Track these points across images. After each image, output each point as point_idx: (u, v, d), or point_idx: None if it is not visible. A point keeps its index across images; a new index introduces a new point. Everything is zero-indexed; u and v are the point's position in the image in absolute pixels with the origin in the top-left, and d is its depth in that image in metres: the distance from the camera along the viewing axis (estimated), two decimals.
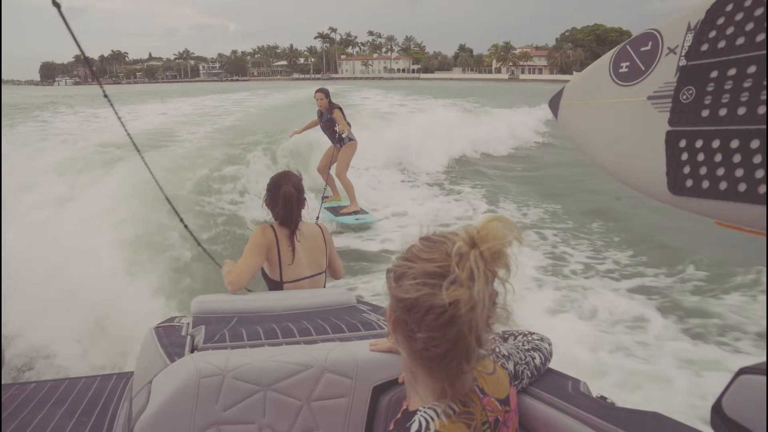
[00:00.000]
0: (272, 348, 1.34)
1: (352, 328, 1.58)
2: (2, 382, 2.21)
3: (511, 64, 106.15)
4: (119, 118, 2.52)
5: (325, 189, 6.80)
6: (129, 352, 3.32)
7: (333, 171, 6.74)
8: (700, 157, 1.03)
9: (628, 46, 1.20)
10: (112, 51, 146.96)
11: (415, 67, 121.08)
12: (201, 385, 1.13)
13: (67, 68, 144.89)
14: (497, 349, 1.13)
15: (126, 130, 2.54)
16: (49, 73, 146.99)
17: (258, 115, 19.15)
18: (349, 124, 6.58)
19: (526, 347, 1.22)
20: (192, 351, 1.38)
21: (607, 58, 1.25)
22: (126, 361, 3.34)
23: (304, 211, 2.36)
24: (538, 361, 1.21)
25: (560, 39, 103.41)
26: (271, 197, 2.30)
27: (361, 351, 1.29)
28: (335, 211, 6.65)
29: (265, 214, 2.37)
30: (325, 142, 7.10)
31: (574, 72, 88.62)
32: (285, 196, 2.25)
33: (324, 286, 2.43)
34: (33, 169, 7.31)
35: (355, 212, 6.56)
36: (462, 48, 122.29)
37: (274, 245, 2.24)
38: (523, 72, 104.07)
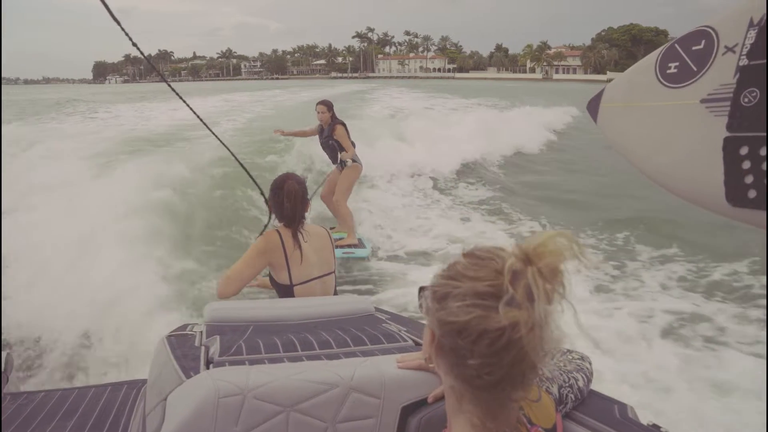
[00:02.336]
0: (293, 364, 1.26)
1: (373, 340, 1.48)
2: (11, 391, 2.19)
3: (545, 63, 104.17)
4: (188, 105, 2.43)
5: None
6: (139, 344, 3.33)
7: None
8: (765, 165, 0.91)
9: (676, 45, 1.07)
10: (159, 50, 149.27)
11: (451, 66, 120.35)
12: (220, 405, 1.06)
13: (117, 67, 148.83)
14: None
15: (196, 114, 2.44)
16: (101, 71, 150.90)
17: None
18: (353, 144, 5.55)
19: (568, 368, 1.12)
20: (207, 364, 1.30)
21: (652, 58, 1.13)
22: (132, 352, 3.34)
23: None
24: (581, 383, 1.11)
25: (596, 39, 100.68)
26: (274, 196, 2.25)
27: (389, 368, 1.19)
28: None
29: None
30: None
31: (607, 72, 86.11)
32: (289, 192, 2.21)
33: (335, 288, 2.38)
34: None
35: (349, 245, 5.55)
36: (498, 48, 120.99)
37: (279, 249, 2.19)
38: (557, 72, 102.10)
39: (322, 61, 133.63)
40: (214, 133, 2.54)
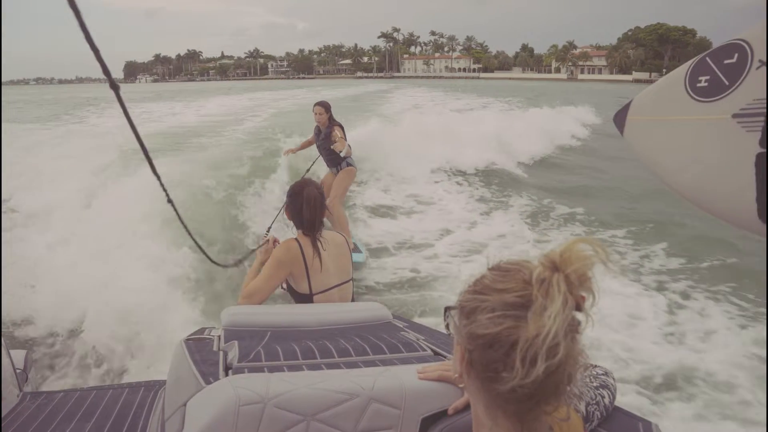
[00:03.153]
0: (314, 372, 1.26)
1: (392, 349, 1.47)
2: (31, 390, 2.19)
3: (570, 63, 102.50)
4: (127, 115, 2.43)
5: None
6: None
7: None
8: None
9: (707, 58, 1.04)
10: (188, 50, 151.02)
11: (476, 66, 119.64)
12: (240, 413, 1.05)
13: (147, 67, 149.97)
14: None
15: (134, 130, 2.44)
16: (132, 71, 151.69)
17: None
18: (349, 146, 5.37)
19: (594, 384, 1.10)
20: (226, 370, 1.30)
21: (682, 70, 1.09)
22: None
23: None
24: (607, 400, 1.09)
25: (622, 38, 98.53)
26: (292, 202, 2.20)
27: (409, 378, 1.18)
28: None
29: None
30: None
31: (633, 72, 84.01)
32: (308, 198, 2.16)
33: (352, 296, 2.33)
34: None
35: None
36: (524, 48, 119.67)
37: (299, 259, 2.14)
38: (582, 72, 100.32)
39: (348, 61, 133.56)
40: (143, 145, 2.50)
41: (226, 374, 1.26)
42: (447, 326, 0.80)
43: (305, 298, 2.17)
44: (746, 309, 4.16)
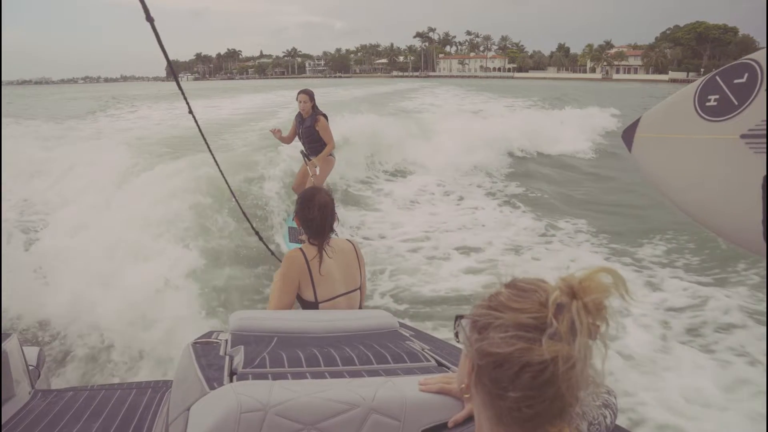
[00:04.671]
0: (316, 381, 1.25)
1: (396, 359, 1.46)
2: (42, 388, 2.22)
3: (605, 63, 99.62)
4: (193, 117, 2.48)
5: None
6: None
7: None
8: None
9: (717, 77, 1.01)
10: (228, 49, 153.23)
11: (510, 66, 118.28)
12: (242, 420, 1.05)
13: (189, 65, 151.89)
14: None
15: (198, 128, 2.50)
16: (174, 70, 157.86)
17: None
18: (332, 137, 5.38)
19: (597, 403, 1.08)
20: (231, 375, 1.31)
21: (691, 89, 1.06)
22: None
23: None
24: (609, 419, 1.06)
25: (660, 37, 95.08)
26: (303, 209, 2.16)
27: (410, 390, 1.17)
28: (294, 234, 5.35)
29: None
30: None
31: (669, 72, 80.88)
32: (320, 204, 2.13)
33: (360, 305, 2.28)
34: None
35: None
36: (561, 47, 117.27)
37: (304, 269, 2.11)
38: (617, 72, 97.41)
39: (384, 60, 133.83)
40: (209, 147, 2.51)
41: (231, 380, 1.27)
42: (456, 335, 0.79)
43: (311, 306, 2.15)
44: None
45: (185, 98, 2.16)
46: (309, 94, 5.25)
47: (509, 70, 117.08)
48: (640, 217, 7.04)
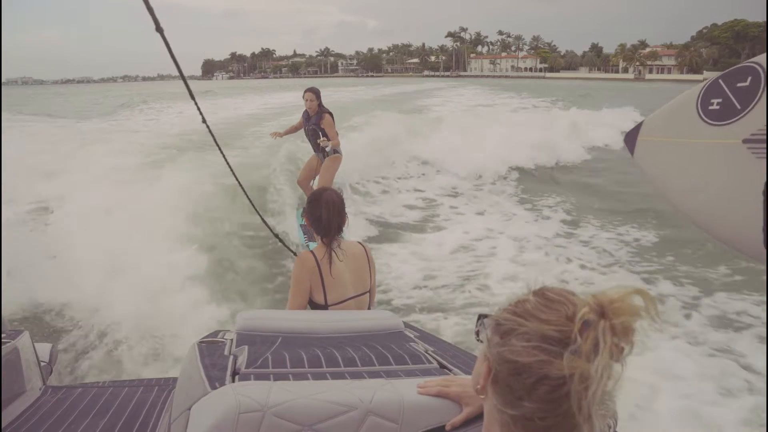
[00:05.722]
0: (315, 382, 1.25)
1: (398, 360, 1.45)
2: (54, 384, 2.23)
3: (638, 63, 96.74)
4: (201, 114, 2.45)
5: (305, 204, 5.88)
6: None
7: (315, 184, 5.65)
8: None
9: (720, 81, 0.98)
10: (262, 48, 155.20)
11: (542, 66, 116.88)
12: (240, 421, 1.06)
13: (224, 64, 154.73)
14: None
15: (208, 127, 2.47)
16: (209, 69, 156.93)
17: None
18: (336, 133, 5.45)
19: (601, 411, 1.05)
20: (234, 375, 1.31)
21: (694, 92, 1.03)
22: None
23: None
24: (611, 430, 1.05)
25: (696, 37, 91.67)
26: (312, 209, 2.15)
27: (409, 393, 1.16)
28: (305, 230, 5.36)
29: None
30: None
31: (704, 71, 77.82)
32: (327, 202, 2.11)
33: (369, 307, 2.27)
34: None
35: None
36: (594, 47, 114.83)
37: (315, 271, 2.10)
38: (650, 72, 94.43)
39: (416, 60, 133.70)
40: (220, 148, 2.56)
41: (233, 379, 1.27)
42: (477, 333, 0.79)
43: (321, 308, 2.14)
44: None
45: (198, 108, 2.19)
46: (315, 93, 5.36)
47: (541, 70, 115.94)
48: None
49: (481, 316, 0.76)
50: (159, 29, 1.68)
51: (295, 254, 2.97)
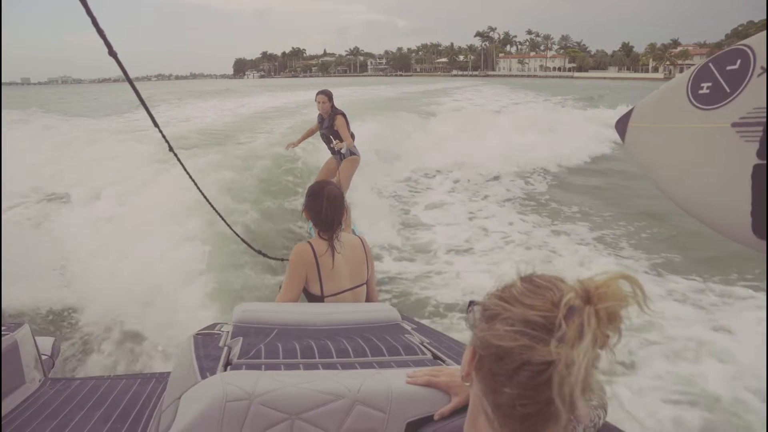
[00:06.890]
0: (304, 372, 1.24)
1: (392, 351, 1.42)
2: (55, 377, 2.24)
3: (668, 62, 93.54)
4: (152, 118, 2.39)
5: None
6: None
7: None
8: None
9: (711, 64, 0.95)
10: (292, 48, 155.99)
11: (571, 65, 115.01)
12: (227, 409, 1.05)
13: (255, 63, 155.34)
14: None
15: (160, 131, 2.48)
16: (240, 67, 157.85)
17: None
18: (352, 135, 5.39)
19: (593, 403, 0.99)
20: (226, 365, 1.30)
21: (685, 77, 1.01)
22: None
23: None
24: (602, 420, 1.00)
25: (731, 34, 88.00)
26: (312, 202, 2.11)
27: (397, 382, 1.15)
28: None
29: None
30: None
31: None
32: (329, 196, 2.08)
33: (368, 299, 2.23)
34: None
35: None
36: (624, 46, 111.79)
37: (312, 262, 2.06)
38: (681, 71, 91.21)
39: (444, 59, 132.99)
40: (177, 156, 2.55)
41: (225, 370, 1.26)
42: (467, 320, 0.76)
43: (317, 301, 2.11)
44: None
45: (149, 112, 2.23)
46: (327, 95, 5.34)
47: (569, 69, 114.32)
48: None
49: (472, 303, 0.74)
50: (112, 53, 1.71)
51: (276, 259, 3.09)
